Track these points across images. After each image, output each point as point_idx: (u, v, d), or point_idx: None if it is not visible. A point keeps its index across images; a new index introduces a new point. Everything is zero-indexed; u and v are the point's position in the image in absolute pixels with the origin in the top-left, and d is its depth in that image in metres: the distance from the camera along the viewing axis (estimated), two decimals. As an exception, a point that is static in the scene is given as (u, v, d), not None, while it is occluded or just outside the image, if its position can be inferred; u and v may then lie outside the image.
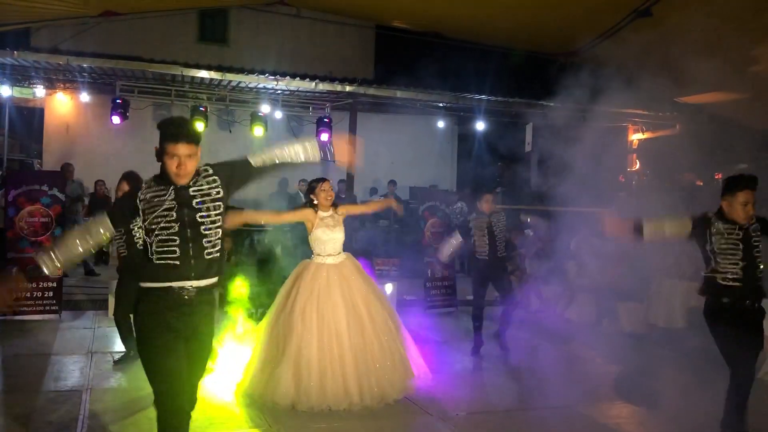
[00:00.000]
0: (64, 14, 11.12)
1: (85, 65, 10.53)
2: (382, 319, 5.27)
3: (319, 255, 5.32)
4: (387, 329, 5.26)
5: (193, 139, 3.15)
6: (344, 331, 5.03)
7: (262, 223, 5.66)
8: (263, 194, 14.82)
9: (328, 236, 5.31)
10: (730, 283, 4.17)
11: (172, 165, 3.10)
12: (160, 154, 3.14)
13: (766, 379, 6.47)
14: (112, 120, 11.34)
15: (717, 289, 4.24)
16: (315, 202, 5.38)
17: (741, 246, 4.16)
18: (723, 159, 11.79)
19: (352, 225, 11.83)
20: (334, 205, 5.47)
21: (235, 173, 3.38)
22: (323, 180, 5.49)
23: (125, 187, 5.71)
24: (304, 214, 5.36)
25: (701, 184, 12.70)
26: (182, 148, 3.09)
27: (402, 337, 5.40)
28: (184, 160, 3.10)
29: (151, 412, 4.83)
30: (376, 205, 5.89)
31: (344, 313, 5.09)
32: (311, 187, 5.46)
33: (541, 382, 6.17)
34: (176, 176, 3.12)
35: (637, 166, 13.35)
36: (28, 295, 8.07)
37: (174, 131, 3.12)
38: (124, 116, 11.34)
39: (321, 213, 5.35)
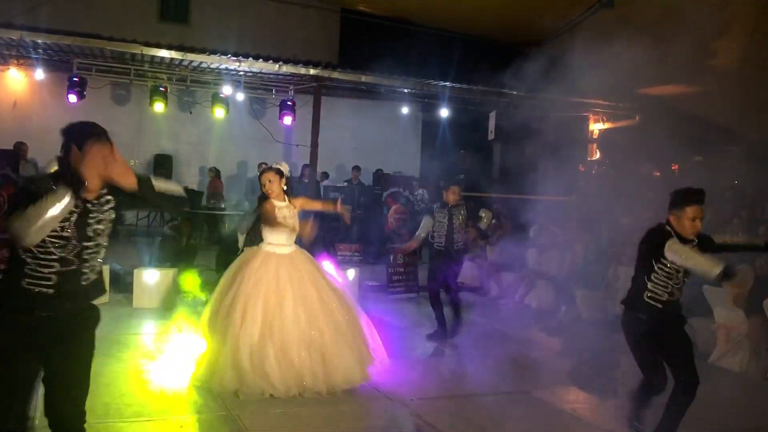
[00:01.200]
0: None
1: (40, 41, 10.20)
2: (337, 308, 5.20)
3: (270, 244, 5.21)
4: (342, 317, 5.20)
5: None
6: (292, 319, 4.95)
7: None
8: (222, 176, 14.65)
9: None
10: (654, 304, 4.11)
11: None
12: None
13: (719, 364, 6.67)
14: (68, 98, 11.04)
15: (639, 305, 4.18)
16: (263, 190, 5.35)
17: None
18: (680, 151, 12.04)
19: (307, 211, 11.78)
20: (290, 195, 5.39)
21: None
22: (262, 172, 5.44)
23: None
24: (271, 208, 5.23)
25: (658, 174, 12.96)
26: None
27: (360, 325, 5.35)
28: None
29: (110, 398, 4.78)
30: (330, 206, 5.71)
31: (293, 302, 5.00)
32: (259, 179, 5.45)
33: (499, 368, 6.25)
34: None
35: (597, 155, 13.55)
36: None
37: (99, 130, 2.90)
38: (81, 95, 11.05)
39: (277, 202, 5.26)
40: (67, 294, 2.84)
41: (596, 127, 13.61)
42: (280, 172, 5.33)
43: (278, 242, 5.22)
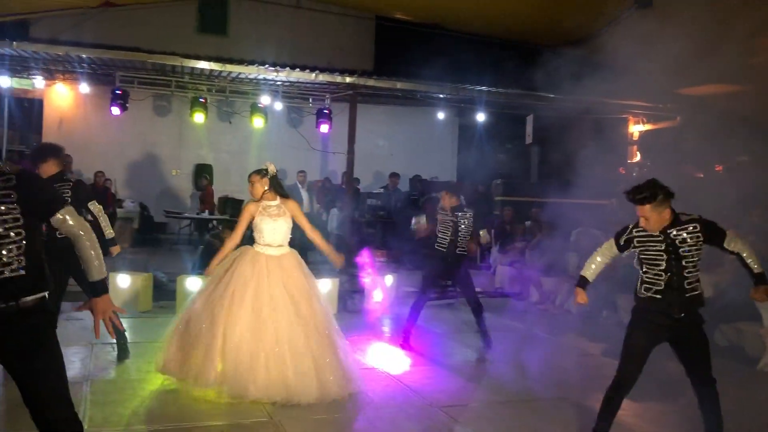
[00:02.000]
0: (63, 5, 11.10)
1: (84, 56, 10.50)
2: (321, 318, 5.10)
3: (258, 244, 5.18)
4: (325, 328, 5.08)
5: None
6: (276, 321, 4.88)
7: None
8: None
9: (269, 225, 5.14)
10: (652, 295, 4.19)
11: None
12: None
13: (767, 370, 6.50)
14: (111, 111, 11.32)
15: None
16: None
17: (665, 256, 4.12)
18: (723, 151, 11.77)
19: (344, 219, 11.81)
20: (286, 197, 5.34)
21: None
22: (254, 171, 5.42)
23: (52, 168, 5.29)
24: (248, 211, 5.24)
25: (702, 176, 12.68)
26: None
27: (337, 340, 5.15)
28: None
29: (152, 403, 4.89)
30: (323, 246, 5.43)
31: (279, 304, 4.93)
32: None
33: (539, 374, 6.19)
34: None
35: (638, 157, 13.33)
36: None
37: None
38: (123, 107, 11.32)
39: (265, 202, 5.24)
40: None
41: (636, 128, 13.40)
42: (261, 173, 5.33)
43: (265, 242, 5.16)
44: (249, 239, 5.41)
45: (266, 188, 5.28)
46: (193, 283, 8.06)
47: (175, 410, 4.79)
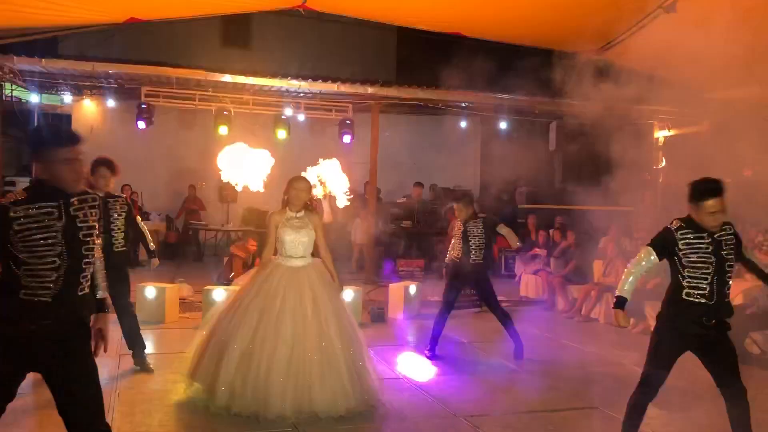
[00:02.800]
0: (90, 22, 11.29)
1: (110, 71, 10.68)
2: (346, 329, 5.03)
3: (280, 255, 5.14)
4: (350, 339, 5.01)
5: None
6: (302, 334, 4.83)
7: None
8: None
9: (291, 237, 5.08)
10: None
11: (66, 170, 2.95)
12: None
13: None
14: (137, 125, 11.48)
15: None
16: (285, 197, 5.26)
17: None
18: (751, 156, 11.59)
19: (368, 228, 11.83)
20: (310, 209, 5.29)
21: None
22: (299, 177, 5.39)
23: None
24: (273, 222, 5.16)
25: (730, 181, 12.49)
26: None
27: (360, 352, 5.08)
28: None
29: (178, 414, 4.92)
30: (328, 261, 5.29)
31: (305, 316, 4.88)
32: (288, 183, 5.28)
33: (566, 383, 6.12)
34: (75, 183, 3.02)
35: (663, 163, 13.17)
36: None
37: (60, 133, 3.01)
38: (149, 121, 11.48)
39: (288, 213, 5.18)
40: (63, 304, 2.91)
41: (662, 134, 13.24)
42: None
43: (287, 254, 5.11)
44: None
45: (301, 199, 5.21)
46: (217, 294, 8.13)
47: (201, 421, 4.82)
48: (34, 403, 4.88)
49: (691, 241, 3.94)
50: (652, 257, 4.10)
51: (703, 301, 3.94)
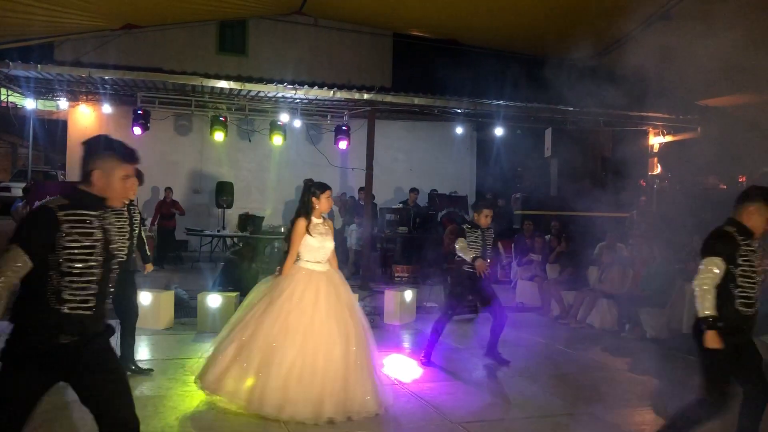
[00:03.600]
0: (86, 28, 11.33)
1: (106, 77, 10.70)
2: (364, 333, 5.16)
3: (308, 261, 5.15)
4: (366, 344, 5.14)
5: None
6: (333, 339, 4.89)
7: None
8: (280, 202, 14.95)
9: (320, 243, 5.16)
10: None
11: (122, 186, 2.96)
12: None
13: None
14: (133, 131, 11.49)
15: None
16: (315, 207, 5.24)
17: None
18: (746, 162, 11.64)
19: (364, 234, 11.84)
20: (326, 216, 5.40)
21: None
22: (329, 187, 5.39)
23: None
24: (300, 229, 5.16)
25: (725, 187, 12.55)
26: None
27: (375, 354, 5.26)
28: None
29: (174, 422, 4.91)
30: (334, 263, 5.36)
31: (334, 321, 4.95)
32: (313, 192, 5.28)
33: (561, 389, 6.12)
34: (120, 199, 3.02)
35: (659, 169, 13.23)
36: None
37: (130, 151, 3.00)
38: (145, 127, 11.49)
39: (314, 220, 5.23)
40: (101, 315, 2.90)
41: (656, 140, 13.30)
42: (330, 189, 5.43)
43: (315, 259, 5.16)
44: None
45: (330, 207, 5.29)
46: (213, 300, 8.11)
47: (198, 428, 4.80)
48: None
49: (748, 249, 3.81)
50: (721, 267, 3.80)
51: (751, 312, 3.85)
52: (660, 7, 9.81)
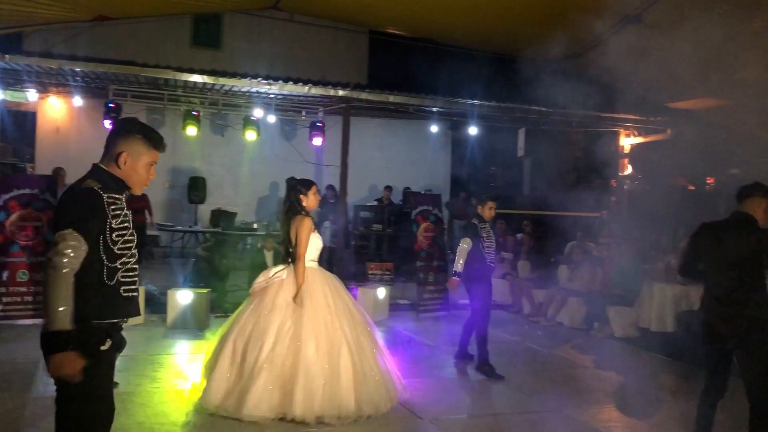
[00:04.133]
0: (56, 18, 11.11)
1: (77, 69, 10.51)
2: (369, 328, 5.17)
3: (312, 261, 5.11)
4: (374, 340, 5.15)
5: None
6: (344, 337, 4.88)
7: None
8: (253, 198, 14.87)
9: (316, 242, 5.14)
10: None
11: (147, 173, 2.93)
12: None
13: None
14: (104, 124, 11.32)
15: None
16: (305, 204, 5.14)
17: None
18: (715, 164, 11.86)
19: (338, 231, 11.84)
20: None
21: None
22: (314, 183, 5.31)
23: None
24: (309, 229, 5.04)
25: (693, 188, 12.77)
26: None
27: (382, 351, 5.22)
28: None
29: (143, 419, 4.87)
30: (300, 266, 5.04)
31: (344, 318, 4.95)
32: (299, 190, 5.17)
33: (530, 387, 6.19)
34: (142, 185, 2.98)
35: (629, 170, 13.41)
36: (19, 299, 8.07)
37: (159, 138, 2.96)
38: (116, 120, 11.32)
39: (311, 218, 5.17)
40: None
41: (627, 141, 13.48)
42: (315, 186, 5.34)
43: (313, 258, 5.13)
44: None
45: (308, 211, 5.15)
46: (183, 296, 8.05)
47: (168, 423, 4.77)
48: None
49: None
50: None
51: None
52: (632, 10, 9.93)
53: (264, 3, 13.47)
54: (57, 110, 13.78)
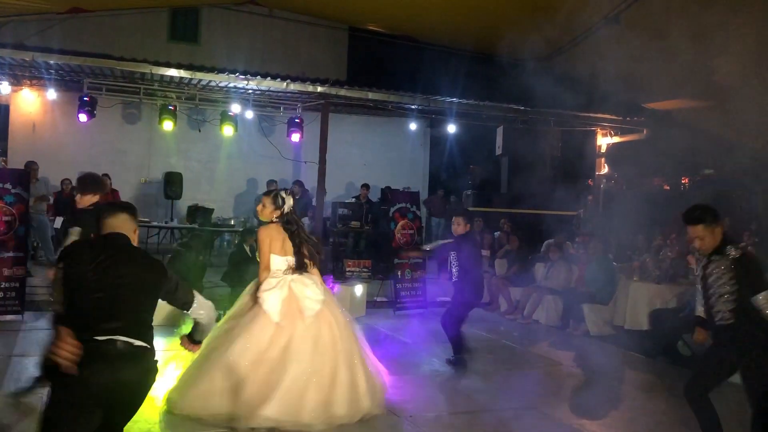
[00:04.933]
0: (29, 9, 10.94)
1: (51, 62, 10.34)
2: (353, 335, 5.08)
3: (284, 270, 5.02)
4: (357, 345, 5.06)
5: None
6: (331, 340, 4.82)
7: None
8: (230, 194, 14.76)
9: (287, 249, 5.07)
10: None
11: None
12: None
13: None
14: (79, 118, 11.15)
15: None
16: (261, 217, 5.14)
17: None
18: (689, 164, 12.01)
19: (316, 228, 11.81)
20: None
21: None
22: (268, 193, 5.22)
23: (92, 199, 5.11)
24: (269, 235, 4.98)
25: (668, 188, 12.92)
26: None
27: (368, 354, 5.17)
28: None
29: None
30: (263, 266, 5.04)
31: (332, 322, 4.89)
32: (257, 202, 5.21)
33: (506, 384, 6.22)
34: None
35: (606, 169, 13.54)
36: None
37: None
38: (91, 114, 11.16)
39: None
40: None
41: (604, 141, 13.60)
42: (277, 203, 5.10)
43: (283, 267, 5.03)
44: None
45: (275, 219, 5.05)
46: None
47: (141, 421, 4.70)
48: None
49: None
50: None
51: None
52: (610, 10, 10.02)
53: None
54: (30, 103, 13.56)
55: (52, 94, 11.90)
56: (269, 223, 5.06)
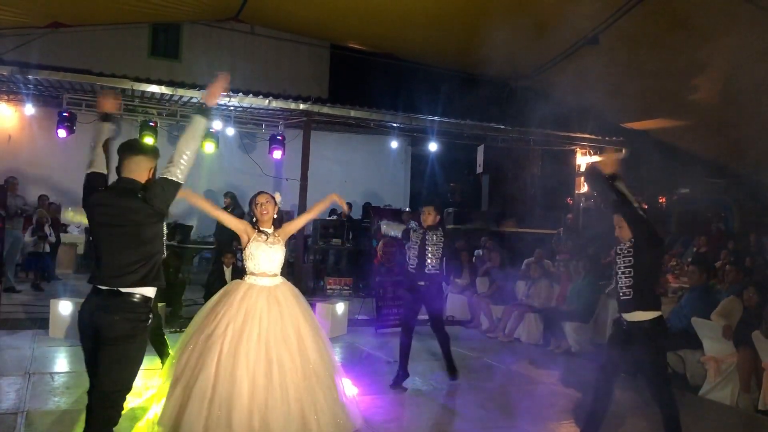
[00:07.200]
0: (7, 24, 10.84)
1: (30, 77, 10.24)
2: (314, 356, 4.58)
3: (252, 274, 4.73)
4: (317, 367, 4.56)
5: None
6: (278, 363, 4.40)
7: (196, 205, 4.96)
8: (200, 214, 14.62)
9: (264, 252, 4.75)
10: None
11: None
12: None
13: (709, 397, 6.66)
14: (58, 133, 11.04)
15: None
16: (254, 219, 4.96)
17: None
18: (665, 183, 12.17)
19: (297, 245, 11.76)
20: (276, 224, 5.03)
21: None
22: (258, 193, 5.11)
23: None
24: (243, 225, 4.89)
25: (646, 206, 13.06)
26: None
27: (337, 379, 4.67)
28: None
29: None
30: (320, 207, 5.49)
31: (280, 343, 4.46)
32: (250, 202, 5.11)
33: (489, 402, 6.20)
34: None
35: (585, 188, 13.67)
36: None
37: None
38: (70, 130, 11.05)
39: (261, 228, 4.90)
40: None
41: (583, 160, 13.75)
42: (275, 201, 5.08)
43: (260, 270, 4.73)
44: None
45: (275, 216, 4.97)
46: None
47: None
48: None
49: None
50: None
51: None
52: (590, 31, 10.15)
53: (224, 14, 13.37)
54: (8, 119, 13.42)
55: (30, 109, 11.77)
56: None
